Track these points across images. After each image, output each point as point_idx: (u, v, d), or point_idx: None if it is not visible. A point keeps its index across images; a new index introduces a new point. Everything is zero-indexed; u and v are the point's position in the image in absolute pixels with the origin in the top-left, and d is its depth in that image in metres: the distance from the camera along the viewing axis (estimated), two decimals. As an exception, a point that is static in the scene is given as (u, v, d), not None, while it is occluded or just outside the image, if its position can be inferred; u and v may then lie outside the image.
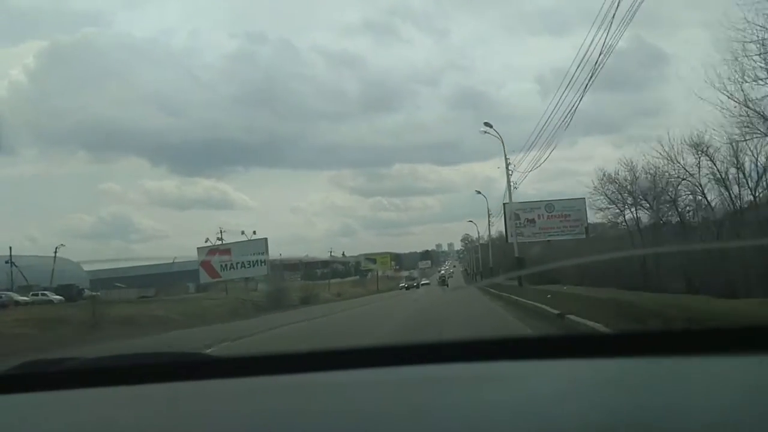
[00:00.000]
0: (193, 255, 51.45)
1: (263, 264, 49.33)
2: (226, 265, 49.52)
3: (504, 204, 43.14)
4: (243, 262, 48.68)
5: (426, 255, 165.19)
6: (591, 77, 19.95)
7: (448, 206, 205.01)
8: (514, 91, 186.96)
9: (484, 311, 18.74)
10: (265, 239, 51.45)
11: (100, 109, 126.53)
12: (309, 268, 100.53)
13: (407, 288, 71.84)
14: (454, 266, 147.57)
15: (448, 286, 70.29)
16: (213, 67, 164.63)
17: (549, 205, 43.86)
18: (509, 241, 44.26)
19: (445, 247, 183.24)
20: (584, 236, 43.47)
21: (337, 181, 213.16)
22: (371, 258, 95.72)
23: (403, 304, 31.04)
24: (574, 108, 22.89)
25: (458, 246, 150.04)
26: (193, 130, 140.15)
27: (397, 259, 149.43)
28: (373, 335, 12.43)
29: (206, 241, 52.06)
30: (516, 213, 42.99)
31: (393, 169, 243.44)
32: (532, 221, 43.27)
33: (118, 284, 65.74)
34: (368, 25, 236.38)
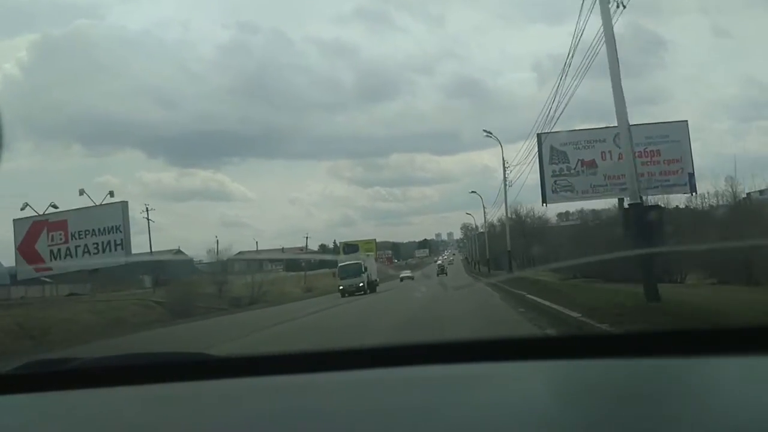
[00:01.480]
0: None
1: (119, 246, 27.36)
2: (59, 249, 27.19)
3: (539, 136, 22.22)
4: (87, 244, 27.60)
5: (424, 244, 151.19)
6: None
7: (447, 196, 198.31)
8: (512, 80, 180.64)
9: None
10: (123, 204, 28.67)
11: (94, 101, 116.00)
12: (291, 259, 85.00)
13: (343, 292, 35.12)
14: (454, 254, 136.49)
15: (447, 274, 60.38)
16: (206, 59, 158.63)
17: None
18: (545, 203, 23.21)
19: (444, 237, 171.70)
20: (686, 186, 22.63)
21: (334, 172, 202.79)
22: (352, 244, 74.07)
23: (376, 308, 19.71)
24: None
25: (458, 235, 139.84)
26: (188, 121, 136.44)
27: (395, 248, 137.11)
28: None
29: (23, 209, 27.71)
30: (561, 150, 21.67)
31: (390, 159, 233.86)
32: (591, 165, 22.23)
33: (46, 279, 48.35)
34: (361, 13, 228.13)
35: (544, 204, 24.37)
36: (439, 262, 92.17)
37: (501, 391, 1.19)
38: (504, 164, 33.51)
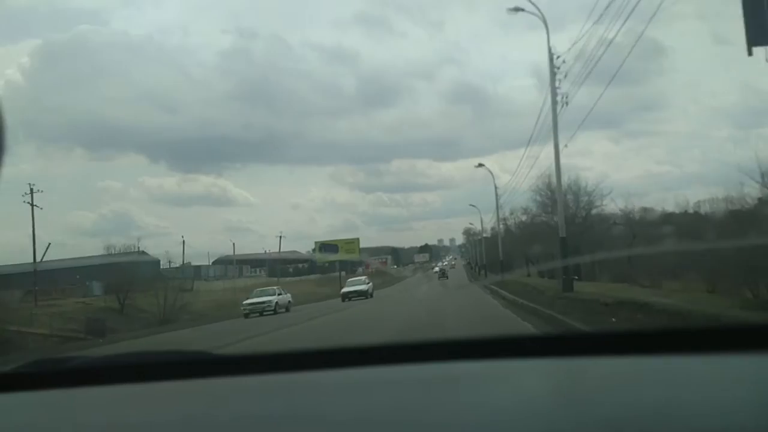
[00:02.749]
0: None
1: None
2: None
3: None
4: None
5: (425, 249, 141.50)
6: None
7: (449, 202, 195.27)
8: (512, 87, 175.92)
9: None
10: None
11: (96, 106, 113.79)
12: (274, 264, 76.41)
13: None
14: (456, 259, 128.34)
15: (447, 278, 54.29)
16: (207, 64, 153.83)
17: None
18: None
19: (446, 242, 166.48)
20: None
21: (336, 177, 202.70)
22: (330, 244, 58.28)
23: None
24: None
25: (460, 241, 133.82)
26: (190, 127, 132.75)
27: (394, 252, 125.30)
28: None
29: None
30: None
31: (392, 165, 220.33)
32: None
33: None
34: (361, 18, 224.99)
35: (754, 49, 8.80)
36: (436, 269, 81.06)
37: (498, 389, 1.15)
38: (552, 57, 17.66)
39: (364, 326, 14.25)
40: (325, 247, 58.00)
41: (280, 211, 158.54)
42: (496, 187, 40.56)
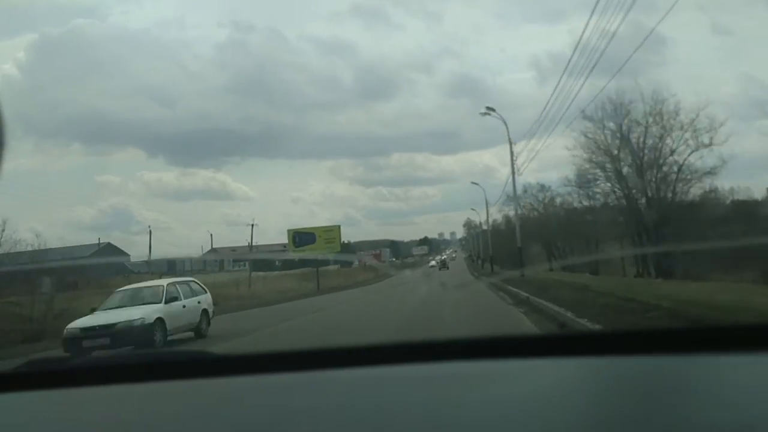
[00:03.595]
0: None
1: None
2: None
3: None
4: None
5: (424, 241, 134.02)
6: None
7: (449, 195, 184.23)
8: (511, 79, 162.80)
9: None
10: None
11: (93, 100, 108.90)
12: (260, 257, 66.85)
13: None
14: (456, 251, 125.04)
15: (448, 268, 53.60)
16: (204, 57, 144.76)
17: None
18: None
19: (447, 236, 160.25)
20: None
21: (336, 171, 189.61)
22: (305, 233, 48.24)
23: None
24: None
25: (460, 235, 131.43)
26: (187, 120, 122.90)
27: (394, 246, 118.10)
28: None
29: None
30: None
31: (392, 158, 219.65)
32: None
33: None
34: (358, 10, 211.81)
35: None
36: (432, 263, 76.19)
37: (501, 389, 1.14)
38: None
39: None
40: (299, 236, 48.24)
41: (279, 205, 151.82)
42: (511, 144, 31.11)
